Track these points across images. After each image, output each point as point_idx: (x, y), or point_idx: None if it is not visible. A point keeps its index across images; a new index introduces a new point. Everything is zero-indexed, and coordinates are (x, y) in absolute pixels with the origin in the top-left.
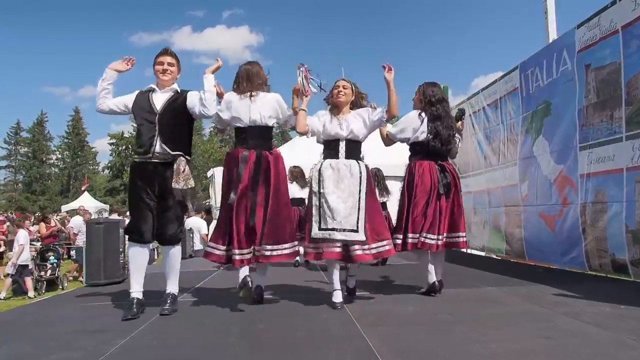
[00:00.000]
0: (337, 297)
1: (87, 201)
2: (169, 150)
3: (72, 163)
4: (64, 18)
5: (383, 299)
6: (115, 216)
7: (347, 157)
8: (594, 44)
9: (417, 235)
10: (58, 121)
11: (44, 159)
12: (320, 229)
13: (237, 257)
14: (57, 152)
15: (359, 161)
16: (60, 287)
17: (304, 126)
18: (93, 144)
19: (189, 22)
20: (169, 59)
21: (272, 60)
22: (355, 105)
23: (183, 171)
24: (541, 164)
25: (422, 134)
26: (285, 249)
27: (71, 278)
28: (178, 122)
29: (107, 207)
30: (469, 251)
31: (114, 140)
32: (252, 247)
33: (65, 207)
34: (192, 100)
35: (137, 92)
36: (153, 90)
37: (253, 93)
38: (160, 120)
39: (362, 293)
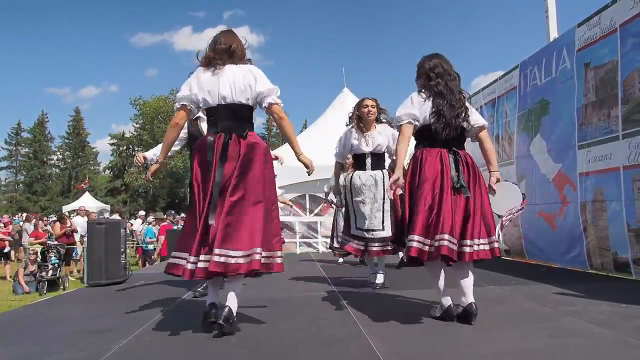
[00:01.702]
0: (377, 279)
1: (88, 201)
2: None
3: (73, 163)
4: (64, 19)
5: (385, 299)
6: (116, 216)
7: (373, 168)
8: (593, 43)
9: (428, 240)
10: (59, 121)
11: (45, 159)
12: (356, 228)
13: (189, 267)
14: (58, 153)
15: (383, 170)
16: (62, 287)
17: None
18: (94, 144)
19: (190, 23)
20: None
21: (273, 61)
22: (377, 119)
23: None
24: (538, 162)
25: (427, 115)
26: (240, 257)
27: (72, 278)
28: None
29: (108, 207)
30: None
31: (114, 141)
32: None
33: (66, 208)
34: None
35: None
36: (200, 117)
37: (221, 65)
38: None
39: (366, 291)
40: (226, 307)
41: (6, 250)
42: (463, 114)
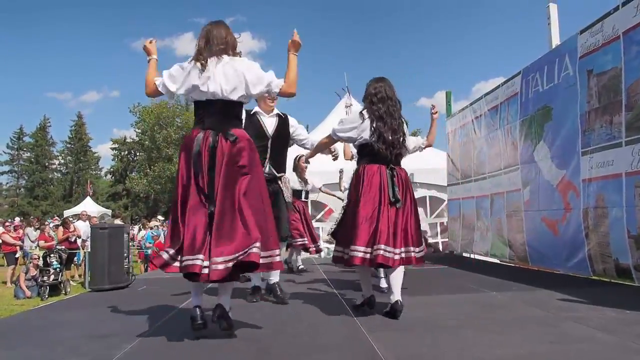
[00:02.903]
0: (383, 283)
1: (89, 206)
2: (275, 172)
3: (75, 168)
4: (66, 24)
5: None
6: (117, 221)
7: None
8: (596, 50)
9: (370, 249)
10: (61, 126)
11: (47, 164)
12: None
13: (198, 264)
14: (60, 157)
15: None
16: (63, 292)
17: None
18: (95, 149)
19: (192, 29)
20: None
21: (275, 66)
22: None
23: (287, 188)
24: (542, 169)
25: (365, 135)
26: (229, 261)
27: (73, 283)
28: (284, 145)
29: (109, 212)
30: (472, 256)
31: (116, 145)
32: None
33: (67, 212)
34: (297, 131)
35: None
36: (259, 112)
37: (212, 59)
38: (272, 144)
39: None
40: (219, 307)
41: (17, 255)
42: (402, 139)
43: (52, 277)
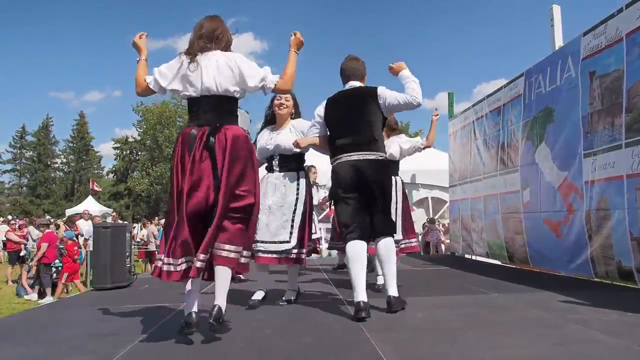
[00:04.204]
0: (380, 280)
1: (91, 205)
2: None
3: (77, 167)
4: (69, 24)
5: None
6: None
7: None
8: (599, 52)
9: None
10: (63, 125)
11: (49, 162)
12: None
13: (165, 268)
14: (62, 156)
15: (396, 176)
16: (65, 290)
17: None
18: (97, 148)
19: None
20: None
21: (277, 67)
22: (392, 130)
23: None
24: (544, 170)
25: None
26: (233, 252)
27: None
28: None
29: (110, 211)
30: (473, 257)
31: (118, 145)
32: (188, 256)
33: (69, 211)
34: None
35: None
36: None
37: (204, 53)
38: None
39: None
40: (216, 306)
41: (22, 253)
42: None
43: (54, 275)
